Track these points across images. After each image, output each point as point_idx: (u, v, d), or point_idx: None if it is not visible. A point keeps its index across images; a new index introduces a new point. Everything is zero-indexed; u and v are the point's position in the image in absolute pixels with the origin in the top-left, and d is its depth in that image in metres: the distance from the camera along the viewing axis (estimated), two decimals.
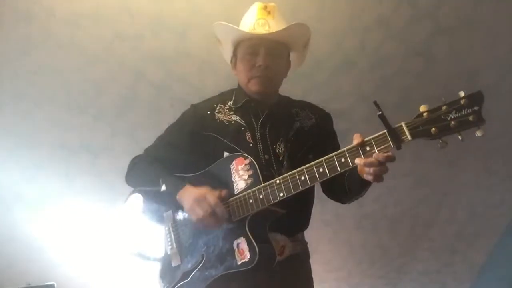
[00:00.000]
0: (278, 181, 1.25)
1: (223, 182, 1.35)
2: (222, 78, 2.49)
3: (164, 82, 2.51)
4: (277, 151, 1.43)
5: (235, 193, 1.32)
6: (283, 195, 1.24)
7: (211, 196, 1.27)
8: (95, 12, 2.23)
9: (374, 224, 3.33)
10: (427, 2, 2.28)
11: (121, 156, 2.83)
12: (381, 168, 1.12)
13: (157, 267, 1.46)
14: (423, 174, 3.07)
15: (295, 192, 1.23)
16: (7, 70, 2.40)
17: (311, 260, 1.57)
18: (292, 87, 2.46)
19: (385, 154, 1.12)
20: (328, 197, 1.55)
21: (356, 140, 1.17)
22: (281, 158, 1.42)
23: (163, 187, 1.38)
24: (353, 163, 1.16)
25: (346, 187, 1.37)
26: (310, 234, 1.62)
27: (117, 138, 2.70)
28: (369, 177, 1.16)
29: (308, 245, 1.57)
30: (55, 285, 2.77)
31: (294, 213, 1.39)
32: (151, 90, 2.54)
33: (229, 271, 1.26)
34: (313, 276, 1.55)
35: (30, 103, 2.52)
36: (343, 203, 1.52)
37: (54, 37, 2.30)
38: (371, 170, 1.13)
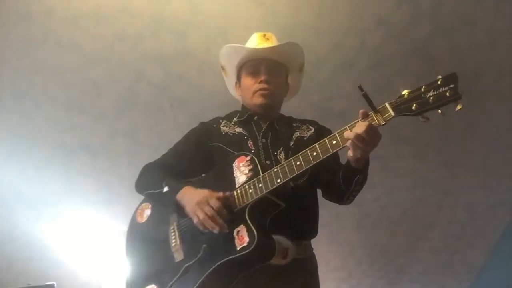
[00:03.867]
0: (275, 169, 1.32)
1: (226, 179, 1.41)
2: (222, 78, 2.49)
3: (164, 82, 2.51)
4: (278, 157, 1.51)
5: (237, 187, 1.37)
6: (280, 180, 1.29)
7: (213, 199, 1.32)
8: (95, 12, 2.23)
9: (374, 224, 3.33)
10: (427, 2, 2.28)
11: (121, 156, 2.85)
12: (365, 138, 1.21)
13: (152, 269, 1.48)
14: (423, 174, 3.07)
15: (292, 177, 1.29)
16: (7, 70, 2.41)
17: None
18: None
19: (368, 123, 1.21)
20: (327, 198, 1.61)
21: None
22: None
23: (165, 188, 1.45)
24: (343, 142, 1.24)
25: (341, 184, 1.42)
26: None
27: (117, 138, 2.70)
28: (354, 148, 1.24)
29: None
30: (55, 285, 2.78)
31: (298, 218, 1.44)
32: (151, 90, 2.54)
33: (228, 258, 1.27)
34: None
35: (30, 103, 2.52)
36: (341, 203, 1.56)
37: (54, 37, 2.30)
38: (355, 138, 1.21)
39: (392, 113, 1.19)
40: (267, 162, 1.48)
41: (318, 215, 1.59)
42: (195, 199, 1.34)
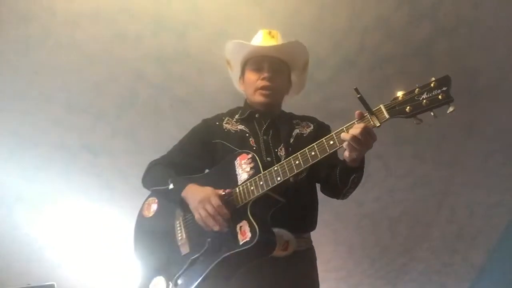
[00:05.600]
0: (276, 168, 1.40)
1: (228, 177, 1.49)
2: (222, 78, 2.50)
3: (164, 82, 2.51)
4: (278, 154, 1.59)
5: (238, 184, 1.44)
6: (280, 178, 1.37)
7: (214, 198, 1.39)
8: (95, 12, 2.24)
9: (374, 224, 3.33)
10: (427, 2, 2.28)
11: (121, 156, 2.85)
12: (361, 139, 1.27)
13: (160, 262, 1.55)
14: (423, 174, 3.07)
15: (291, 175, 1.37)
16: (7, 70, 2.41)
17: None
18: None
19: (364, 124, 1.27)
20: (325, 194, 1.68)
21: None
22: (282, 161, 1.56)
23: (171, 186, 1.53)
24: (340, 143, 1.31)
25: (338, 181, 1.51)
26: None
27: (117, 138, 2.70)
28: (350, 149, 1.30)
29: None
30: (55, 285, 2.78)
31: (298, 211, 1.53)
32: (151, 90, 2.54)
33: (231, 252, 1.34)
34: None
35: (30, 103, 2.52)
36: (338, 198, 1.63)
37: (54, 37, 2.30)
38: (351, 140, 1.28)
39: (387, 116, 1.26)
40: (268, 159, 1.56)
41: (317, 209, 1.66)
42: (198, 197, 1.42)
